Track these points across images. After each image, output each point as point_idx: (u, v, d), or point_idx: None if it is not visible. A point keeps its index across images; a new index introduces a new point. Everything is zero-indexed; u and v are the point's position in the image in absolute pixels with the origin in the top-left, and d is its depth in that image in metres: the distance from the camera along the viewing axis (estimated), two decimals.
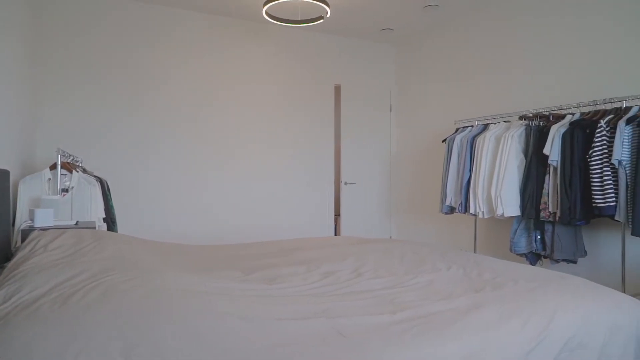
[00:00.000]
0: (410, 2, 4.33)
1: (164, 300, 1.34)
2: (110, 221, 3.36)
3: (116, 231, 3.54)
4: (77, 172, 3.14)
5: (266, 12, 3.64)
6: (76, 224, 2.82)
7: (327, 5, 3.50)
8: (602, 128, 2.88)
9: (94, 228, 2.67)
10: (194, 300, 1.34)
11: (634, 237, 3.06)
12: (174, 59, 4.51)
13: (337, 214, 5.90)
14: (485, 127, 3.89)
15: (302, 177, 5.16)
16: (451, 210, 4.06)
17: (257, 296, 1.54)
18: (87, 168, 4.10)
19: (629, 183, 2.75)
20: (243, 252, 2.49)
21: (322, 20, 3.81)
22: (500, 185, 3.42)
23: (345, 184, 5.34)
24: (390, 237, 5.72)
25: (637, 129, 2.74)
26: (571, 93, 3.61)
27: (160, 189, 4.44)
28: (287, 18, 4.66)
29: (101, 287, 1.39)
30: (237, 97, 4.81)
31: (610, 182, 2.81)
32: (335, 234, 5.79)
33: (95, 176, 3.39)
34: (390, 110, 5.70)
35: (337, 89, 6.18)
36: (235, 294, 1.53)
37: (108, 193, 3.46)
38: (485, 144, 3.63)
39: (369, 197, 5.52)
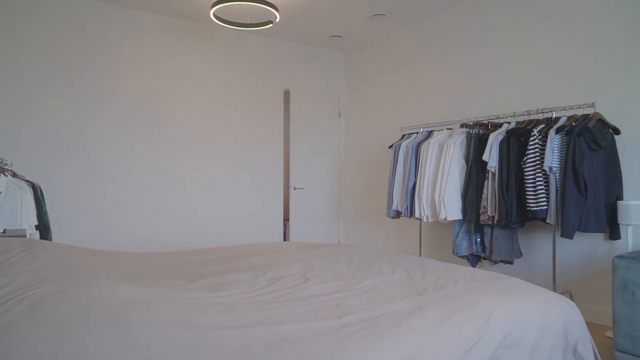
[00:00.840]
0: (358, 10, 4.42)
1: (100, 312, 1.27)
2: (43, 228, 3.16)
3: (50, 239, 3.32)
4: (6, 176, 2.92)
5: (214, 15, 3.58)
6: (4, 232, 2.63)
7: (277, 10, 3.50)
8: (535, 136, 3.06)
9: (24, 236, 2.49)
10: (132, 311, 1.29)
11: (563, 238, 3.28)
12: (117, 57, 4.33)
13: (286, 219, 5.88)
14: (430, 134, 4.03)
15: (251, 182, 5.10)
16: (397, 214, 4.16)
17: (201, 304, 1.50)
18: (19, 172, 3.83)
19: (558, 188, 2.95)
20: (187, 259, 2.41)
21: (271, 25, 3.80)
22: (443, 190, 3.55)
23: (295, 189, 5.34)
24: (339, 241, 5.78)
25: (566, 138, 2.94)
26: (508, 103, 3.83)
27: (102, 195, 4.22)
28: (236, 21, 4.60)
29: (28, 300, 1.30)
30: (184, 100, 4.68)
31: (543, 187, 2.99)
32: (285, 239, 5.77)
33: (27, 180, 3.17)
34: (340, 116, 5.77)
35: (287, 94, 6.17)
36: (178, 303, 1.48)
37: (41, 198, 3.25)
38: (430, 150, 3.76)
39: (318, 202, 5.55)
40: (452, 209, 3.54)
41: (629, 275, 2.15)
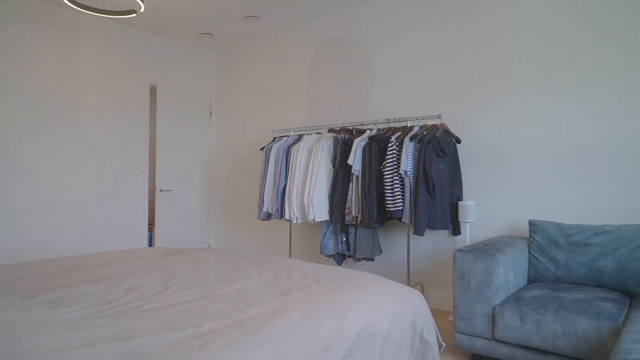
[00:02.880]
0: (230, 9, 4.34)
1: None
2: None
3: None
4: None
5: None
6: None
7: None
8: (393, 143, 3.34)
9: None
10: None
11: (416, 236, 3.64)
12: None
13: (152, 223, 5.51)
14: (300, 137, 4.13)
15: (113, 183, 4.66)
16: (268, 216, 4.18)
17: (35, 325, 1.31)
18: None
19: (412, 190, 3.25)
20: (24, 272, 2.10)
21: (134, 15, 3.53)
22: (312, 193, 3.67)
23: (161, 190, 5.03)
24: (210, 245, 5.60)
25: (418, 145, 3.26)
26: (371, 111, 4.11)
27: None
28: (93, 6, 4.17)
29: None
30: (30, 91, 4.08)
31: (399, 189, 3.28)
32: (150, 245, 5.39)
33: None
34: (211, 116, 5.61)
35: (153, 90, 5.79)
36: (5, 325, 1.27)
37: None
38: (299, 153, 3.85)
39: (187, 204, 5.31)
40: (320, 211, 3.68)
41: (465, 265, 2.47)
